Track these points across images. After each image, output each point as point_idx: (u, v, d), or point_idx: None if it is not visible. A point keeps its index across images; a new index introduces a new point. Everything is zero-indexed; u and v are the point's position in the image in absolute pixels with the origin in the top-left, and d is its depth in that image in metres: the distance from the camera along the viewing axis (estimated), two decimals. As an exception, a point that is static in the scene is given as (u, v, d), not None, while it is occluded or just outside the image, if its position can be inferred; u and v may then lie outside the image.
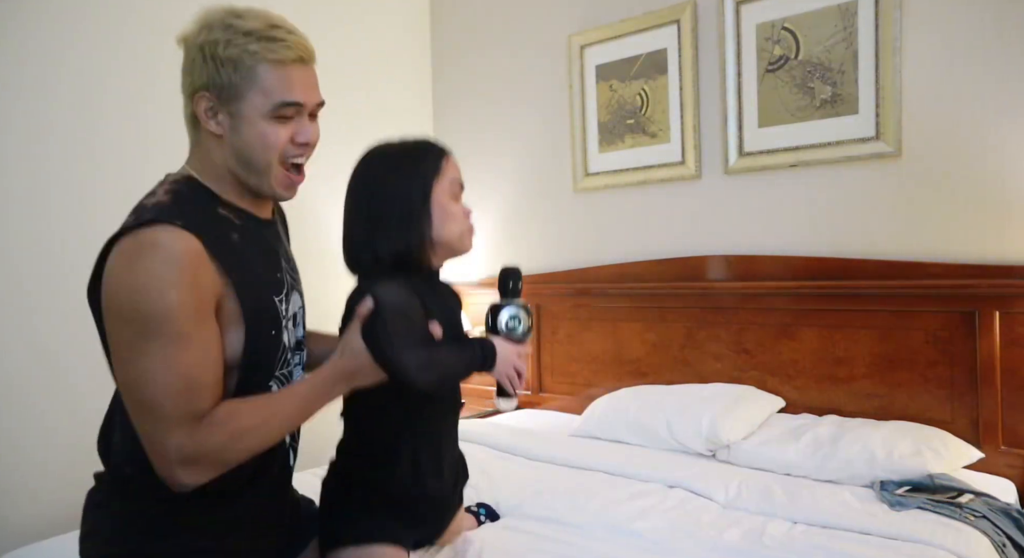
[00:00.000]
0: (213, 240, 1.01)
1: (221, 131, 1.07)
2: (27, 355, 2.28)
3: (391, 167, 1.32)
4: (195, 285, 0.97)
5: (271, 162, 1.08)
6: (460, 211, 1.34)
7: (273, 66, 1.04)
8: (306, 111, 1.10)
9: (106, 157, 2.46)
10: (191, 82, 1.07)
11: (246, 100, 1.04)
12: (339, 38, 3.18)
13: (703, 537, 1.69)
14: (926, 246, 2.22)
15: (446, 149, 1.37)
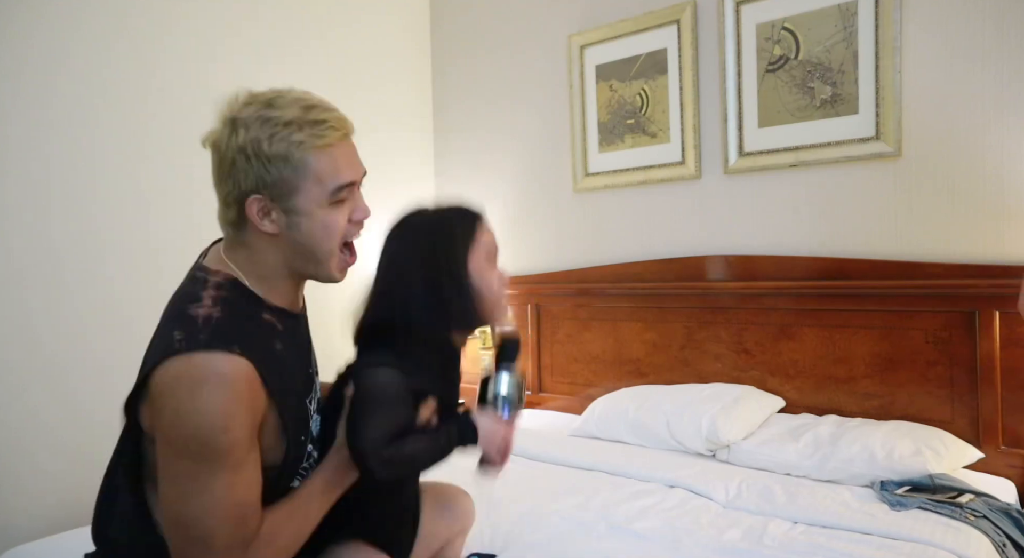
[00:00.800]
0: (261, 358, 0.98)
1: (276, 229, 1.02)
2: (27, 355, 2.28)
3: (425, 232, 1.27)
4: (251, 412, 0.95)
5: (334, 250, 1.04)
6: (496, 280, 1.25)
7: (322, 152, 1.00)
8: (357, 187, 1.06)
9: (107, 157, 2.46)
10: (235, 186, 1.01)
11: (302, 193, 1.00)
12: (339, 37, 3.18)
13: (703, 537, 1.69)
14: (926, 246, 2.22)
15: (480, 214, 1.28)
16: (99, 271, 2.44)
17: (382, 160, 3.36)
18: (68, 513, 2.31)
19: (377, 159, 3.34)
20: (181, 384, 0.94)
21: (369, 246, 1.23)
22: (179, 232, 2.66)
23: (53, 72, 2.34)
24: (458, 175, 3.49)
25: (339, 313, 1.31)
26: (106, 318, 2.45)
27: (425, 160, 3.56)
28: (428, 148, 3.58)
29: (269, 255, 1.04)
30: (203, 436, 0.92)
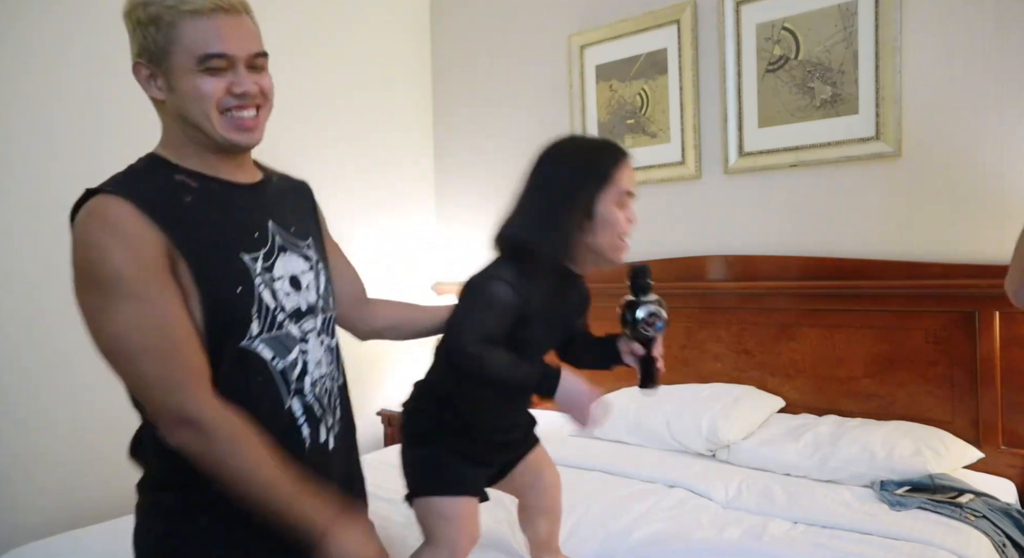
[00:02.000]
0: (153, 203, 1.01)
1: (162, 96, 1.06)
2: (28, 355, 2.28)
3: (565, 162, 1.37)
4: (133, 245, 0.98)
5: (207, 113, 1.04)
6: (621, 220, 1.35)
7: (192, 18, 1.01)
8: (239, 62, 1.05)
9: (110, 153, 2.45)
10: (132, 52, 1.07)
11: (173, 57, 1.02)
12: (339, 36, 3.18)
13: (703, 537, 1.69)
14: (926, 246, 2.22)
15: (624, 154, 1.37)
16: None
17: (382, 160, 3.37)
18: (69, 514, 2.31)
19: (377, 159, 3.35)
20: (74, 228, 1.03)
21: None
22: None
23: (56, 68, 2.34)
24: (458, 174, 3.49)
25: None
26: (106, 318, 2.45)
27: (425, 159, 3.56)
28: (428, 148, 3.58)
29: (169, 122, 1.09)
30: (86, 267, 1.00)
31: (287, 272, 1.12)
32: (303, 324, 1.13)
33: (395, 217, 3.41)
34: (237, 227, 1.09)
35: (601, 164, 1.35)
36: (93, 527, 1.84)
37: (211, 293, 1.03)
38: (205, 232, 1.05)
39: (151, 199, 1.02)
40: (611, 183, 1.33)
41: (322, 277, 1.20)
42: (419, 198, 3.53)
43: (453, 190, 3.52)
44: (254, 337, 1.06)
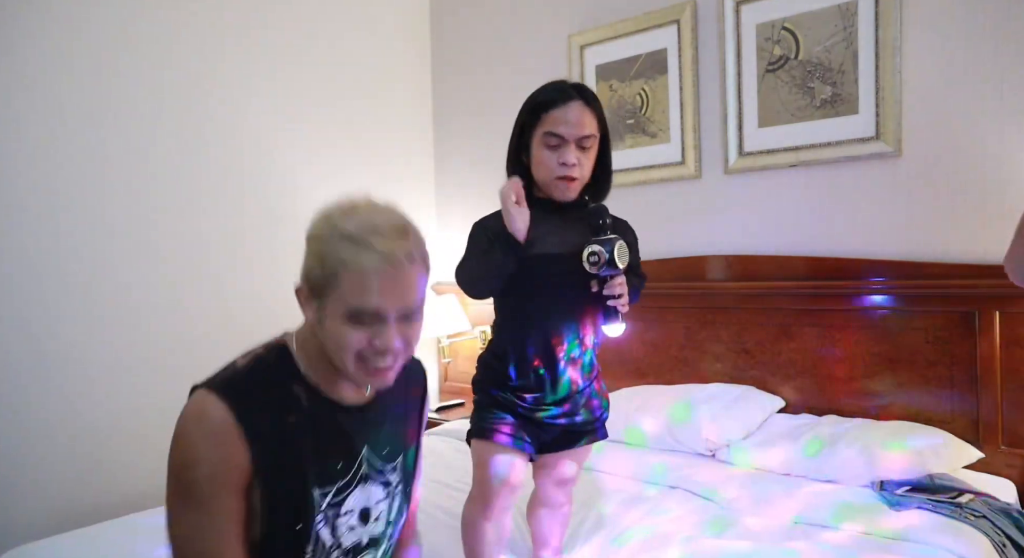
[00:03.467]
0: (255, 417, 1.01)
1: (313, 319, 1.07)
2: (27, 355, 2.28)
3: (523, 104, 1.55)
4: (221, 458, 0.98)
5: (345, 361, 1.04)
6: (547, 161, 1.48)
7: (355, 273, 1.00)
8: (389, 317, 1.03)
9: (111, 162, 2.46)
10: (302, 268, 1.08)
11: (329, 300, 1.03)
12: (339, 37, 3.18)
13: (703, 537, 1.69)
14: (926, 246, 2.22)
15: (556, 97, 1.49)
16: (103, 273, 2.44)
17: (382, 160, 3.37)
18: (69, 514, 2.31)
19: (377, 159, 3.35)
20: (181, 416, 1.02)
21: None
22: (183, 236, 2.67)
23: (62, 76, 2.35)
24: (459, 174, 3.49)
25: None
26: (108, 319, 2.45)
27: (426, 159, 3.56)
28: (428, 147, 3.58)
29: (313, 338, 1.09)
30: (173, 465, 1.00)
31: (359, 505, 1.11)
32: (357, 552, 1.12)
33: (395, 217, 3.41)
34: (324, 456, 1.07)
35: (535, 106, 1.51)
36: (93, 527, 1.83)
37: (272, 522, 1.03)
38: (290, 460, 1.04)
39: (255, 411, 1.01)
40: (539, 124, 1.49)
41: (397, 500, 1.17)
42: (419, 198, 3.53)
43: (453, 190, 3.52)
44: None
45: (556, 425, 1.54)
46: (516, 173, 1.54)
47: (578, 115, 1.48)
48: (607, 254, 1.41)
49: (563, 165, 1.47)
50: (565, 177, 1.48)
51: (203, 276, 2.71)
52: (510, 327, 1.55)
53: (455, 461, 2.35)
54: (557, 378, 1.52)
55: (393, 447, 1.16)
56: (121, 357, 2.48)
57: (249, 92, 2.86)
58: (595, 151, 1.53)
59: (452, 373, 3.52)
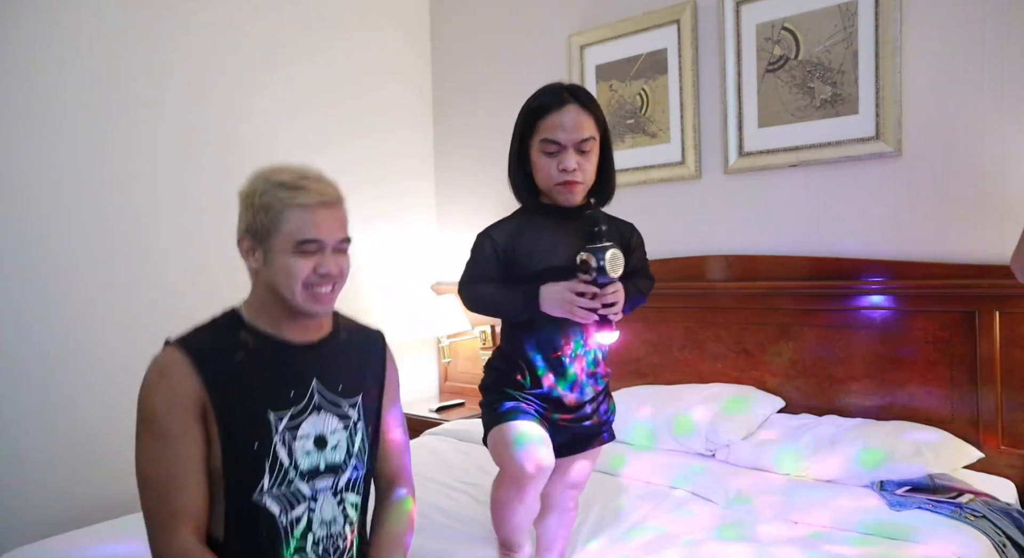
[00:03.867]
0: (207, 358, 1.18)
1: (257, 265, 1.24)
2: (27, 355, 2.28)
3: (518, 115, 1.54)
4: (173, 392, 1.14)
5: (293, 287, 1.21)
6: (546, 167, 1.47)
7: (296, 210, 1.20)
8: (328, 247, 1.23)
9: (112, 160, 2.46)
10: (239, 228, 1.26)
11: (274, 239, 1.21)
12: (339, 37, 3.18)
13: (703, 537, 1.69)
14: (926, 246, 2.22)
15: (548, 103, 1.48)
16: (102, 272, 2.44)
17: (382, 160, 3.37)
18: (69, 514, 2.31)
19: (377, 159, 3.35)
20: None
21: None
22: (183, 235, 2.67)
23: (64, 74, 2.35)
24: (459, 174, 3.49)
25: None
26: (108, 319, 2.45)
27: (425, 160, 3.56)
28: (428, 148, 3.58)
29: (258, 287, 1.27)
30: (138, 405, 1.17)
31: (314, 431, 1.24)
32: (316, 483, 1.23)
33: (395, 217, 3.41)
34: (274, 385, 1.22)
35: (530, 113, 1.50)
36: (93, 527, 1.84)
37: (230, 445, 1.16)
38: (241, 388, 1.19)
39: (207, 354, 1.19)
40: (534, 132, 1.48)
41: (358, 436, 1.29)
42: (419, 198, 3.53)
43: (453, 190, 3.52)
44: (264, 491, 1.17)
45: (566, 429, 1.55)
46: (518, 181, 1.53)
47: (574, 119, 1.46)
48: (597, 263, 1.40)
49: (563, 171, 1.46)
50: (566, 182, 1.47)
51: (203, 276, 2.71)
52: (519, 336, 1.55)
53: (455, 461, 2.35)
54: (565, 387, 1.53)
55: (347, 386, 1.29)
56: (121, 357, 2.48)
57: (249, 92, 2.86)
58: (596, 153, 1.51)
59: (452, 373, 3.52)
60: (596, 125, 1.49)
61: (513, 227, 1.54)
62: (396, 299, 3.36)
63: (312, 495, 1.22)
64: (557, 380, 1.52)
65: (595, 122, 1.49)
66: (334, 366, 1.29)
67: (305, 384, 1.24)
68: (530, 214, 1.54)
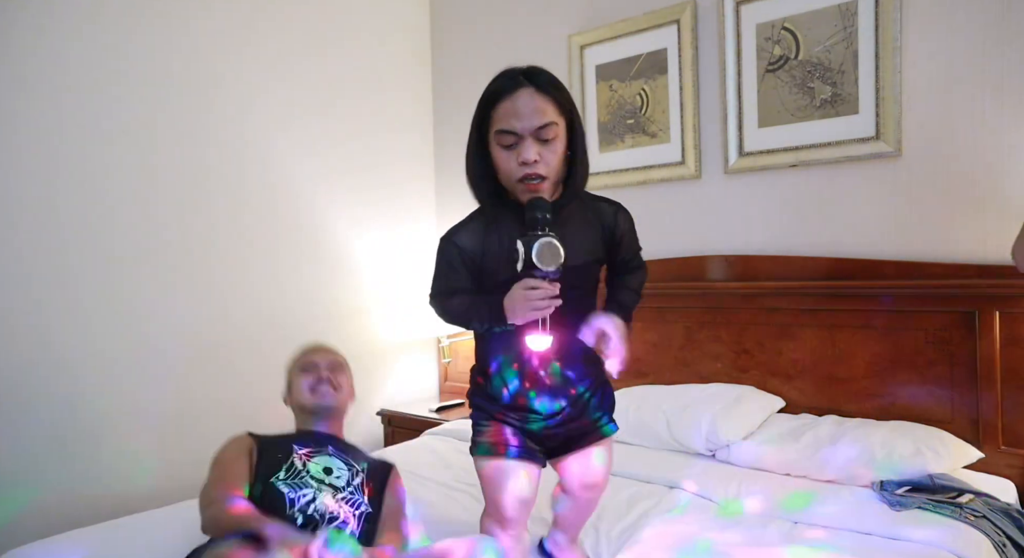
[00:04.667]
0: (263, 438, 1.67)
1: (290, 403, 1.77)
2: (28, 355, 2.28)
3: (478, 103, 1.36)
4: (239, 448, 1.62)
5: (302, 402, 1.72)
6: (505, 161, 1.32)
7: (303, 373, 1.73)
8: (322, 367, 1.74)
9: (112, 159, 2.46)
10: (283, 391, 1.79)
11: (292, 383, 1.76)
12: (339, 38, 3.18)
13: (703, 537, 1.69)
14: (926, 246, 2.22)
15: (499, 90, 1.33)
16: (101, 271, 2.45)
17: (382, 160, 3.37)
18: (69, 514, 2.31)
19: (378, 159, 3.35)
20: None
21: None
22: (183, 237, 2.67)
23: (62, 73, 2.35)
24: (458, 175, 3.47)
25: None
26: (108, 319, 2.45)
27: (426, 160, 3.56)
28: (428, 148, 3.58)
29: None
30: None
31: (323, 464, 1.59)
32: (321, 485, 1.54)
33: (396, 218, 3.41)
34: (301, 439, 1.66)
35: (482, 106, 1.36)
36: (93, 527, 1.83)
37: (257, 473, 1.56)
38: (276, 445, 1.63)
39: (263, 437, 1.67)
40: (490, 124, 1.34)
41: (357, 479, 1.60)
42: (419, 199, 3.53)
43: (453, 191, 3.52)
44: (280, 480, 1.53)
45: (554, 434, 1.46)
46: (479, 179, 1.39)
47: (528, 103, 1.28)
48: (525, 254, 1.24)
49: (523, 164, 1.29)
50: (528, 177, 1.29)
51: (204, 277, 2.71)
52: (482, 347, 1.46)
53: (455, 461, 2.35)
54: (535, 396, 1.42)
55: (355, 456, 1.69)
56: (121, 357, 2.48)
57: (249, 92, 2.86)
58: (561, 141, 1.32)
59: (452, 373, 3.52)
60: (558, 110, 1.31)
61: (479, 229, 1.39)
62: (396, 299, 3.36)
63: (317, 486, 1.53)
64: (527, 391, 1.41)
65: (557, 106, 1.31)
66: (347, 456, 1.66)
67: (325, 446, 1.66)
68: (495, 214, 1.38)
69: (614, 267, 1.49)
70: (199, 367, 2.69)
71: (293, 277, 3.01)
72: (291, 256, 3.00)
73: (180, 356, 2.63)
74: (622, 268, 1.49)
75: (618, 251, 1.44)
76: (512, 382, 1.42)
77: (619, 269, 1.49)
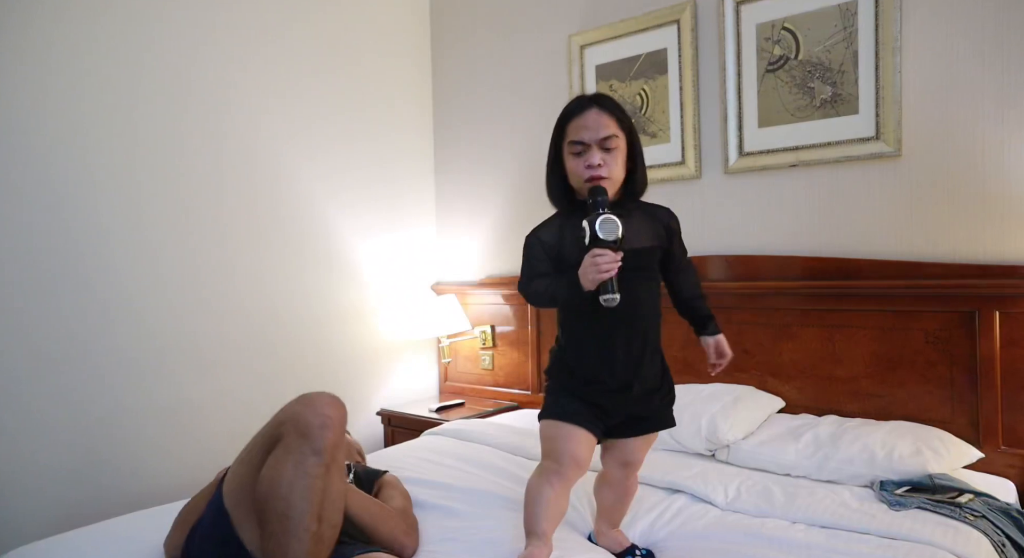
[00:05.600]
0: None
1: None
2: (28, 355, 2.28)
3: None
4: None
5: None
6: (575, 167, 1.57)
7: None
8: None
9: (130, 163, 2.46)
10: None
11: None
12: (339, 38, 3.18)
13: (702, 537, 1.69)
14: (926, 246, 2.22)
15: (571, 109, 1.60)
16: (98, 271, 2.44)
17: (382, 159, 3.37)
18: (69, 514, 2.31)
19: (377, 158, 3.35)
20: None
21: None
22: (183, 237, 2.67)
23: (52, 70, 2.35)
24: (458, 175, 3.49)
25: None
26: (107, 317, 2.45)
27: (426, 160, 3.56)
28: (429, 148, 3.58)
29: None
30: None
31: None
32: None
33: (396, 218, 3.41)
34: None
35: (559, 121, 1.62)
36: (93, 527, 1.83)
37: None
38: None
39: None
40: (564, 136, 1.60)
41: None
42: (419, 199, 3.53)
43: (453, 191, 3.52)
44: None
45: (619, 412, 1.61)
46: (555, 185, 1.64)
47: (595, 119, 1.56)
48: (590, 228, 1.48)
49: (589, 167, 1.55)
50: (593, 178, 1.55)
51: (204, 277, 2.71)
52: (570, 324, 1.64)
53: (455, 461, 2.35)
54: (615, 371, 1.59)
55: None
56: (121, 357, 2.48)
57: (259, 104, 2.86)
58: (622, 151, 1.59)
59: (452, 373, 3.52)
60: (619, 126, 1.58)
61: (555, 226, 1.63)
62: (396, 299, 3.36)
63: None
64: (603, 365, 1.59)
65: (617, 123, 1.58)
66: None
67: None
68: (569, 214, 1.62)
69: (669, 260, 1.68)
70: (202, 365, 2.69)
71: (299, 279, 3.01)
72: (297, 258, 3.01)
73: (187, 355, 2.63)
74: (676, 263, 1.70)
75: (671, 244, 1.66)
76: (588, 353, 1.60)
77: (674, 264, 1.69)
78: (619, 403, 1.60)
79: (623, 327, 1.58)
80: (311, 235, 3.07)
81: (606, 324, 1.57)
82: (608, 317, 1.53)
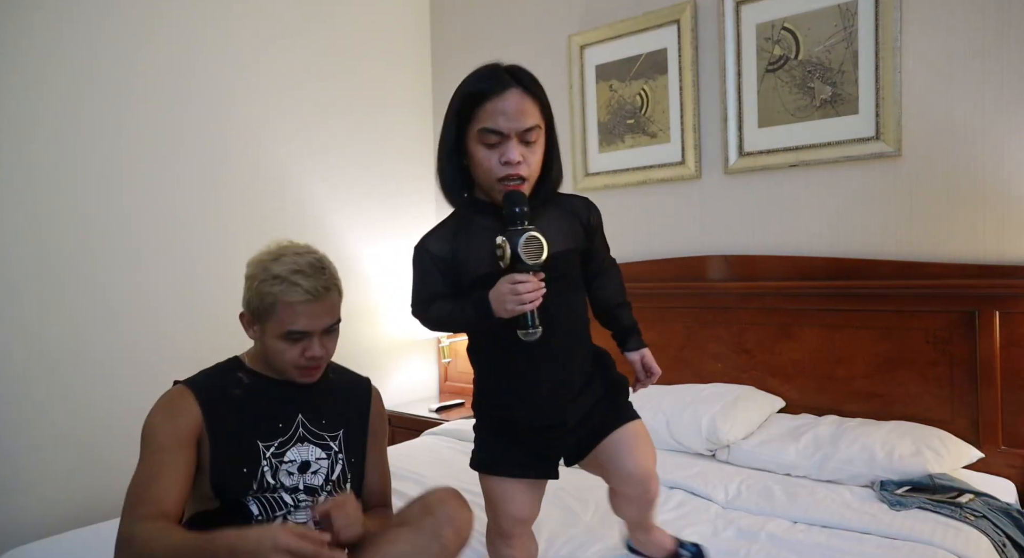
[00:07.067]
0: (208, 392, 1.39)
1: (254, 337, 1.44)
2: (29, 355, 2.28)
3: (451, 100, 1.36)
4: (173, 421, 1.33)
5: (284, 366, 1.41)
6: (486, 160, 1.28)
7: (287, 306, 1.35)
8: (315, 335, 1.39)
9: (132, 164, 2.46)
10: (243, 301, 1.43)
11: (267, 323, 1.38)
12: (339, 38, 3.18)
13: (703, 537, 1.69)
14: (926, 246, 2.22)
15: (485, 88, 1.32)
16: (99, 271, 2.45)
17: (382, 159, 3.37)
18: (70, 514, 2.31)
19: (378, 159, 3.35)
20: None
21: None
22: (184, 239, 2.67)
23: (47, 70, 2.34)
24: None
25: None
26: (107, 317, 2.45)
27: (426, 161, 3.56)
28: (429, 148, 3.58)
29: (256, 346, 1.47)
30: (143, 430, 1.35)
31: (299, 458, 1.43)
32: (297, 496, 1.41)
33: (396, 218, 3.41)
34: (264, 418, 1.42)
35: (466, 98, 1.34)
36: (93, 527, 1.83)
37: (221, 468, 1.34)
38: (235, 419, 1.38)
39: (208, 390, 1.39)
40: (472, 120, 1.30)
41: (339, 466, 1.47)
42: (419, 199, 3.53)
43: (453, 190, 3.52)
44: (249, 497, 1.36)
45: (564, 440, 1.39)
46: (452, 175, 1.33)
47: (517, 105, 1.28)
48: (512, 248, 1.21)
49: (506, 164, 1.26)
50: (510, 177, 1.27)
51: (205, 277, 2.71)
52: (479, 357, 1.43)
53: (455, 461, 2.35)
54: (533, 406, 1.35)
55: (330, 421, 1.48)
56: (121, 357, 2.48)
57: (263, 107, 2.86)
58: (541, 144, 1.32)
59: (452, 373, 3.52)
60: (541, 112, 1.32)
61: (448, 232, 1.35)
62: (396, 299, 3.36)
63: (294, 504, 1.40)
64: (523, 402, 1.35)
65: (539, 109, 1.31)
66: (319, 404, 1.48)
67: (291, 418, 1.44)
68: (467, 215, 1.35)
69: (590, 260, 1.43)
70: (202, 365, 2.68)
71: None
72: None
73: (188, 355, 2.62)
74: (597, 264, 1.45)
75: (592, 240, 1.42)
76: (508, 391, 1.36)
77: (594, 264, 1.45)
78: (552, 440, 1.37)
79: (546, 360, 1.32)
80: (312, 236, 3.07)
81: (524, 358, 1.30)
82: (527, 348, 1.26)
